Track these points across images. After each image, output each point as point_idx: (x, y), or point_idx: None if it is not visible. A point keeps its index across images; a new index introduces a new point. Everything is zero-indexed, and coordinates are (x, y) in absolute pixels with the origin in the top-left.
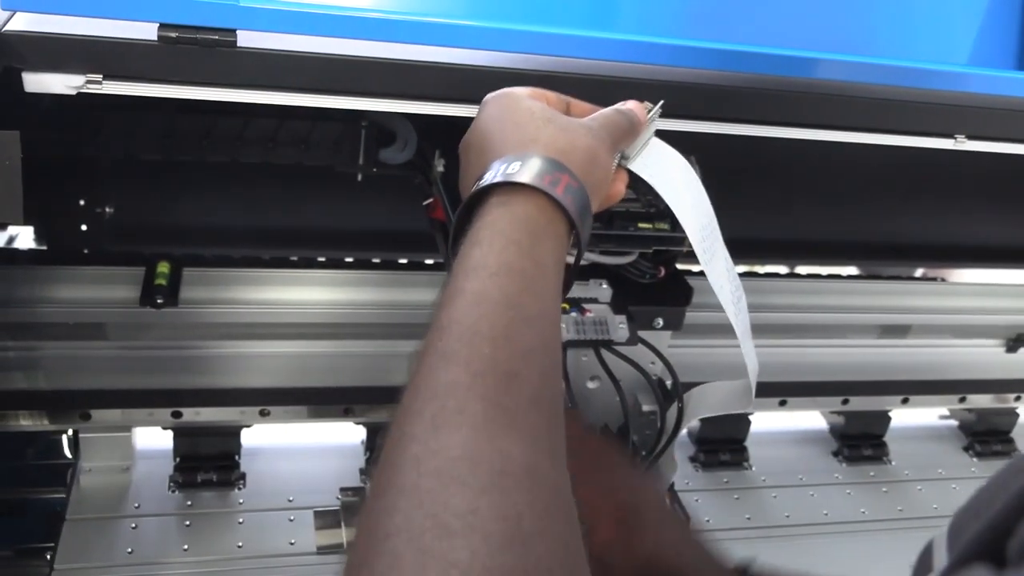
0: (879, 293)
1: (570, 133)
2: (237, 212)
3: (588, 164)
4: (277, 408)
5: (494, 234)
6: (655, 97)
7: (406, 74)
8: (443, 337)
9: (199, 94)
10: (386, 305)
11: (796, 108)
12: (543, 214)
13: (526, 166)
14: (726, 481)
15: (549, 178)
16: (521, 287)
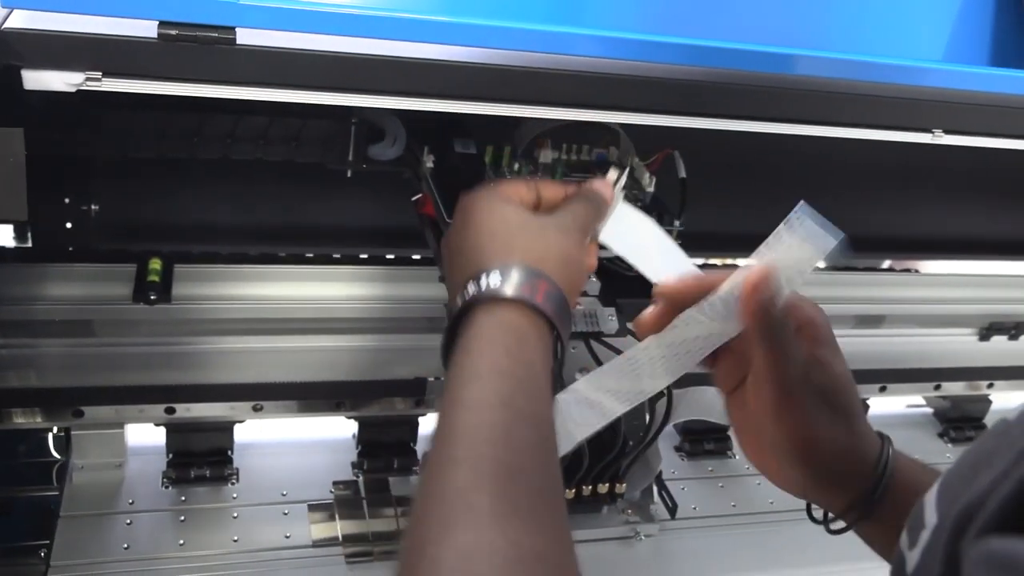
0: (854, 284)
1: (544, 239)
2: (224, 209)
3: (563, 266)
4: (269, 403)
5: (484, 342)
6: (634, 94)
7: (399, 71)
8: (447, 444)
9: (198, 91)
10: (375, 300)
11: (773, 103)
12: (526, 319)
13: (506, 278)
14: (711, 470)
15: (528, 288)
16: (514, 389)
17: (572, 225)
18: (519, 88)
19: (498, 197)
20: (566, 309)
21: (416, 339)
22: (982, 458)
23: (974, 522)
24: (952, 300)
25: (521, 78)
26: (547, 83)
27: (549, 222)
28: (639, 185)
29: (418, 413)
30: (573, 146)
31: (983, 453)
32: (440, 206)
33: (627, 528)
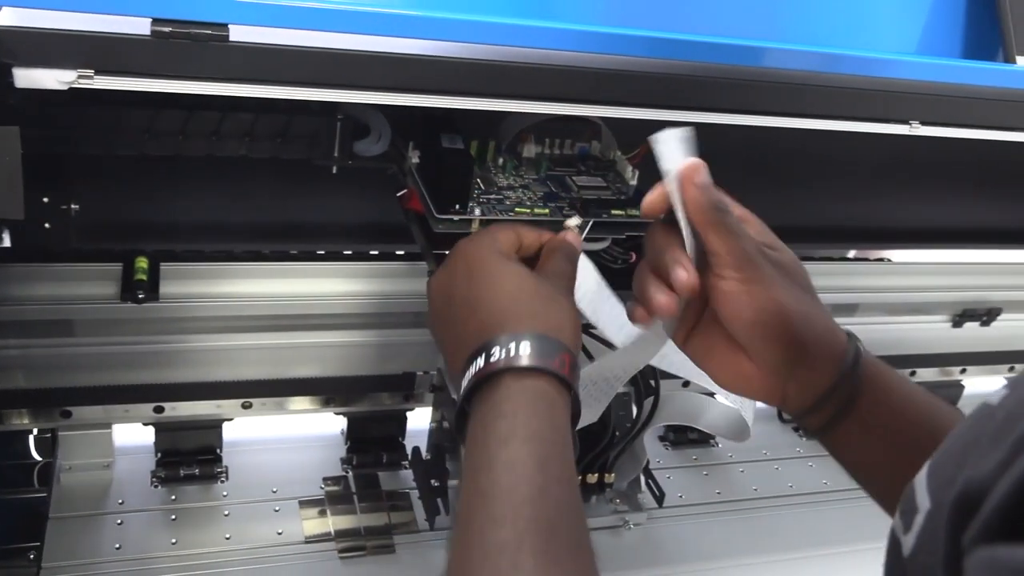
0: (827, 274)
1: (559, 308)
2: (207, 208)
3: (573, 333)
4: (258, 400)
5: (517, 406)
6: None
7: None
8: (486, 503)
9: (191, 88)
10: (362, 296)
11: (750, 96)
12: (553, 388)
13: (533, 347)
14: (695, 458)
15: (557, 360)
16: (548, 452)
17: (567, 287)
18: (503, 83)
19: (499, 250)
20: (578, 374)
21: (404, 334)
22: (970, 440)
23: (976, 517)
24: (924, 288)
25: (505, 73)
26: (531, 77)
27: (555, 287)
28: (622, 179)
29: (406, 408)
30: (556, 140)
31: (971, 435)
32: (427, 199)
33: (616, 517)
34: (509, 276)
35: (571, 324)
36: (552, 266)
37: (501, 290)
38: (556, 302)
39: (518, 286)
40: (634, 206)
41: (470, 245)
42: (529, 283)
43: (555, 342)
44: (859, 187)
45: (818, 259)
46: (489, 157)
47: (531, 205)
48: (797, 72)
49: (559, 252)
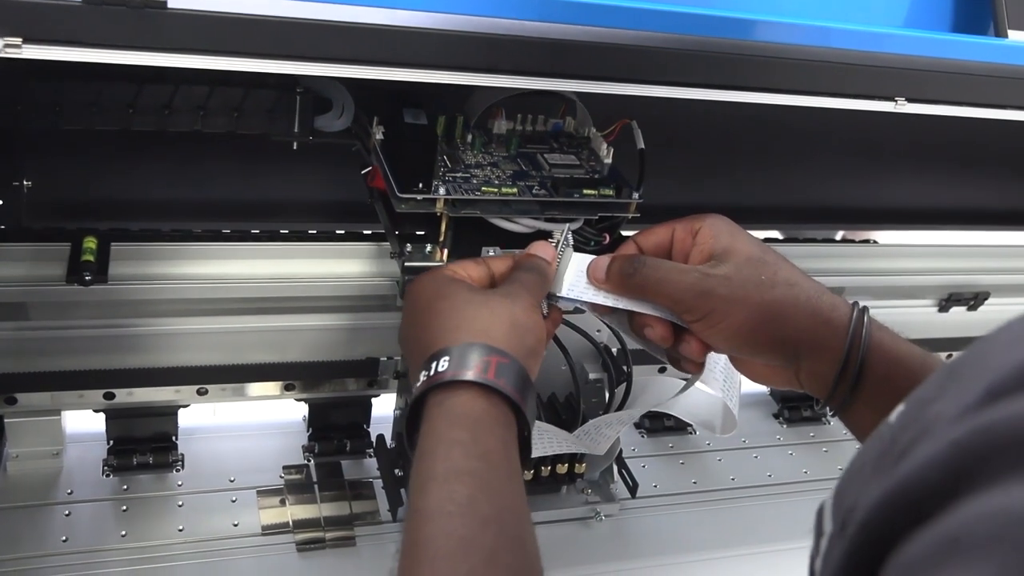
0: (812, 256)
1: (489, 309)
2: (165, 184)
3: (514, 333)
4: (215, 386)
5: (436, 441)
6: (590, 61)
7: (344, 37)
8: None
9: (127, 59)
10: (325, 277)
11: (731, 71)
12: (480, 403)
13: (452, 360)
14: (671, 446)
15: (479, 365)
16: (473, 489)
17: (518, 290)
18: (471, 55)
19: (443, 277)
20: (525, 380)
21: (368, 318)
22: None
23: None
24: (911, 271)
25: (473, 44)
26: (500, 50)
27: (495, 293)
28: (596, 157)
29: (371, 394)
30: (528, 116)
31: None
32: (390, 179)
33: (587, 508)
34: (443, 297)
35: (504, 322)
36: (508, 279)
37: (432, 309)
38: (485, 305)
39: (449, 303)
40: (607, 186)
41: (415, 283)
42: (462, 297)
43: (480, 347)
44: (843, 166)
45: (802, 241)
46: (457, 134)
47: (499, 184)
48: (778, 45)
49: (520, 263)
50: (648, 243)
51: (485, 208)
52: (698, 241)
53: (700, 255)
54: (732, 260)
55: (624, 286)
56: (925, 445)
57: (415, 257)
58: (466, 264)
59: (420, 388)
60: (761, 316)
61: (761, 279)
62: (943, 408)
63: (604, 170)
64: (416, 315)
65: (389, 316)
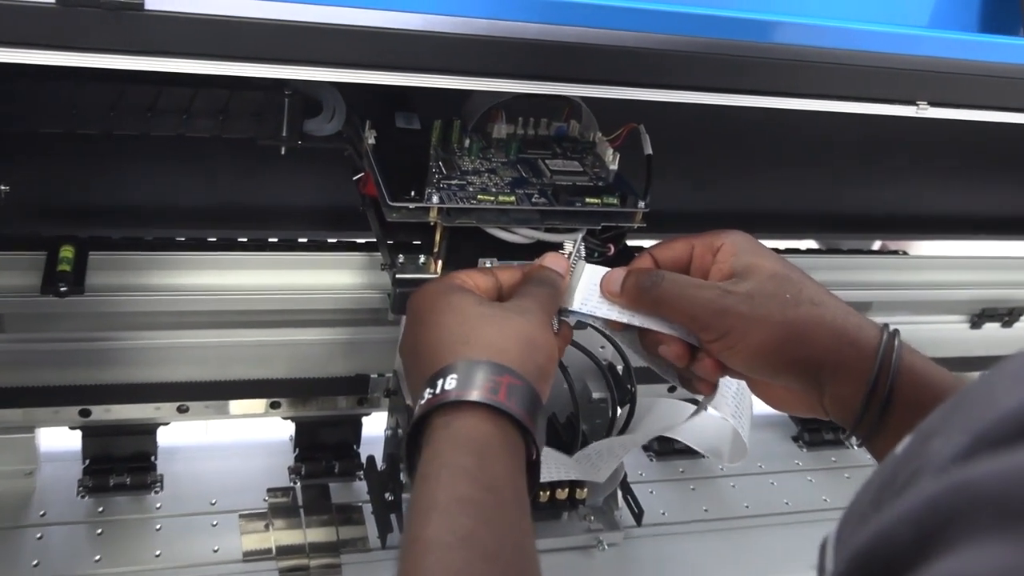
0: (838, 268)
1: (501, 325)
2: (149, 189)
3: (527, 352)
4: (196, 403)
5: (440, 465)
6: (596, 64)
7: (333, 40)
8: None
9: (103, 63)
10: (313, 289)
11: (745, 74)
12: (488, 426)
13: (461, 378)
14: (681, 471)
15: (488, 385)
16: (476, 521)
17: (531, 306)
18: (468, 59)
19: (450, 286)
20: (536, 402)
21: (359, 332)
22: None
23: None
24: (942, 284)
25: (470, 48)
26: (499, 53)
27: (507, 307)
28: (601, 163)
29: (361, 413)
30: (530, 120)
31: (871, 490)
32: (381, 186)
33: (589, 536)
34: (450, 309)
35: (519, 341)
36: (519, 293)
37: (439, 322)
38: (499, 321)
39: (458, 316)
40: (611, 194)
41: (418, 293)
42: (471, 309)
43: (492, 366)
44: (866, 172)
45: (825, 252)
46: (454, 138)
47: (496, 192)
48: (791, 47)
49: (532, 276)
50: (665, 257)
51: (481, 217)
52: (719, 258)
53: (720, 273)
54: (754, 277)
55: (640, 301)
56: (908, 494)
57: (407, 269)
58: (473, 273)
59: (424, 407)
60: (783, 335)
61: (785, 297)
62: (939, 447)
63: (609, 177)
64: (420, 326)
65: (381, 331)
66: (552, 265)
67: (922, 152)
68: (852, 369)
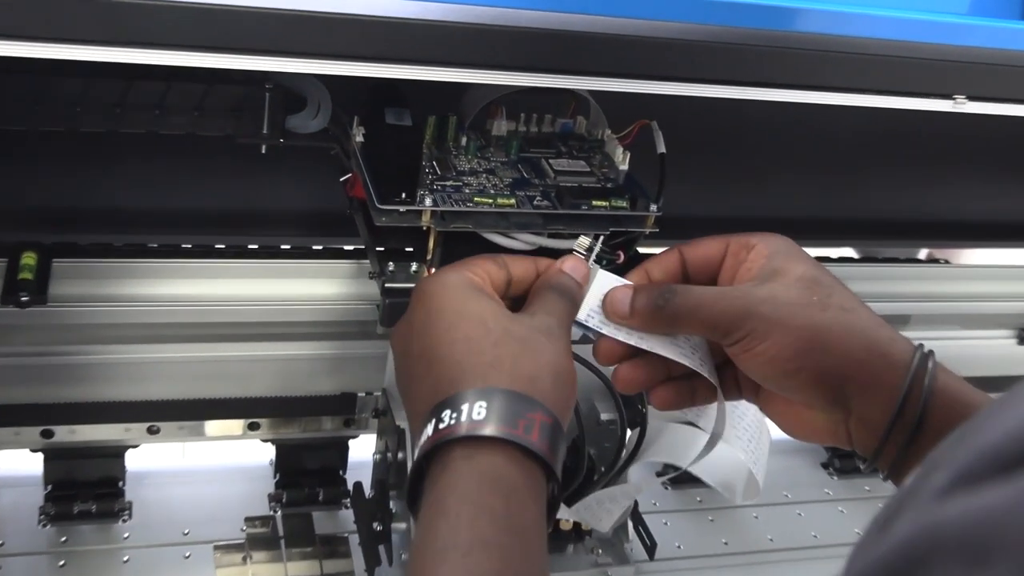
0: (874, 278)
1: (533, 349)
2: (119, 192)
3: (557, 384)
4: (168, 424)
5: (461, 501)
6: (605, 55)
7: (317, 29)
8: None
9: (67, 54)
10: (296, 299)
11: (768, 66)
12: (516, 466)
13: (492, 408)
14: (699, 500)
15: (523, 422)
16: (500, 565)
17: (555, 325)
18: (466, 48)
19: (468, 286)
20: (561, 440)
21: (345, 346)
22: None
23: None
24: (987, 296)
25: (468, 36)
26: (501, 42)
27: (533, 325)
28: (610, 163)
29: (348, 435)
30: (533, 115)
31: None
32: (370, 188)
33: (596, 571)
34: (472, 317)
35: (551, 372)
36: (539, 300)
37: (459, 335)
38: (530, 345)
39: (482, 328)
40: (620, 196)
41: (431, 283)
42: (497, 323)
43: (523, 400)
44: (905, 174)
45: (860, 261)
46: (449, 136)
47: (495, 194)
48: (820, 36)
49: (551, 283)
50: (696, 256)
51: (479, 221)
52: (750, 258)
53: (747, 274)
54: (781, 280)
55: (654, 320)
56: (887, 534)
57: (398, 277)
58: (487, 265)
59: (442, 434)
60: (807, 340)
61: (812, 299)
62: (933, 482)
63: (619, 178)
64: (433, 332)
65: (369, 345)
66: (572, 272)
67: (964, 152)
68: (882, 385)
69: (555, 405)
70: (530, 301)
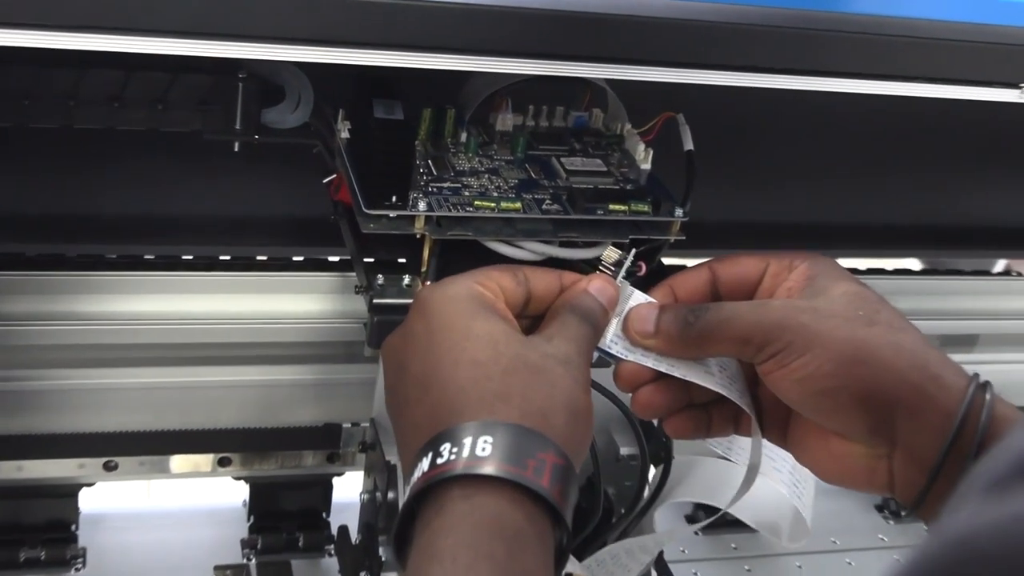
0: (938, 293)
1: (547, 381)
2: (72, 196)
3: (572, 422)
4: (128, 459)
5: (458, 545)
6: (626, 39)
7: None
8: None
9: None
10: (272, 317)
11: (812, 51)
12: (522, 511)
13: (498, 445)
14: (734, 547)
15: (532, 463)
16: None
17: (576, 356)
18: (466, 32)
19: (475, 299)
20: (574, 485)
21: (328, 371)
22: None
23: None
24: None
25: (469, 18)
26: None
27: (550, 354)
28: (631, 161)
29: (331, 472)
30: (543, 108)
31: None
32: (356, 190)
33: None
34: (480, 338)
35: (566, 406)
36: (557, 327)
37: (465, 357)
38: (544, 373)
39: (491, 352)
40: (642, 199)
41: (435, 293)
42: (508, 347)
43: (532, 436)
44: (969, 175)
45: (919, 273)
46: (447, 131)
47: (498, 197)
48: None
49: (570, 307)
50: (729, 274)
51: (480, 228)
52: (791, 278)
53: (787, 294)
54: (823, 295)
55: (681, 342)
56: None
57: (388, 292)
58: (502, 277)
59: (440, 470)
60: (851, 355)
61: (857, 313)
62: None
63: (640, 178)
64: (435, 352)
65: (356, 370)
66: (599, 294)
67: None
68: (934, 410)
69: (568, 445)
70: (547, 322)
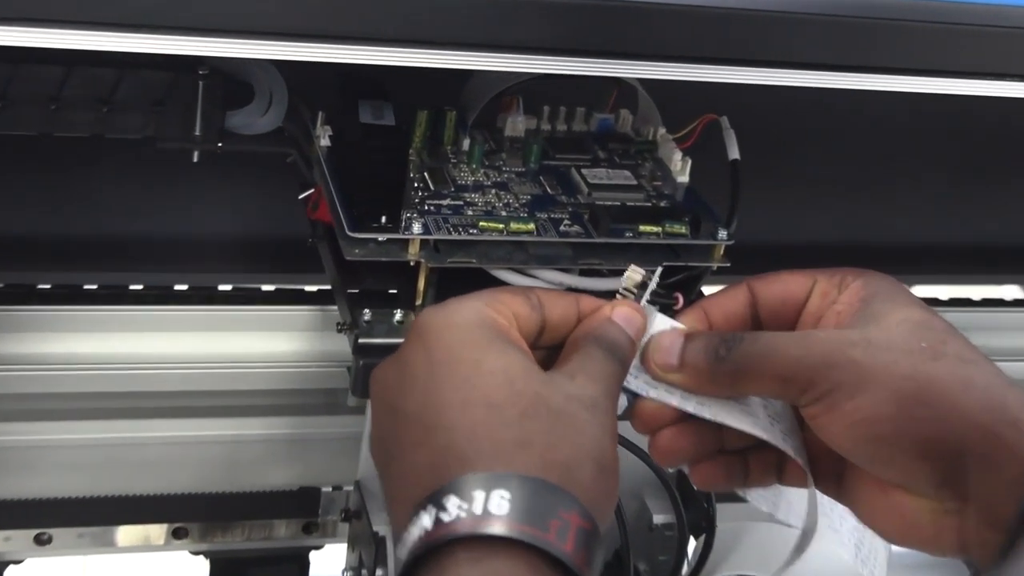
0: (1006, 328)
1: (573, 427)
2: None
3: (599, 476)
4: (64, 531)
5: None
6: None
7: None
8: None
9: None
10: (238, 360)
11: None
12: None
13: (516, 501)
14: None
15: (555, 524)
16: None
17: (603, 398)
18: (469, 23)
19: (489, 327)
20: (599, 550)
21: (305, 424)
22: None
23: None
24: None
25: (473, 6)
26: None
27: (573, 395)
28: (664, 171)
29: (308, 545)
30: (560, 110)
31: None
32: (338, 209)
33: None
34: (494, 373)
35: (593, 460)
36: (579, 362)
37: (477, 396)
38: (568, 421)
39: (507, 391)
40: (678, 219)
41: (438, 318)
42: (528, 385)
43: (556, 493)
44: None
45: (1003, 305)
46: (447, 138)
47: (507, 217)
48: (935, 4)
49: (592, 339)
50: (771, 293)
51: (485, 254)
52: (841, 300)
53: (837, 318)
54: (880, 323)
55: (711, 376)
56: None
57: (376, 330)
58: (515, 301)
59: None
60: (912, 396)
61: (920, 346)
62: None
63: (677, 193)
64: (436, 389)
65: (338, 423)
66: (626, 324)
67: None
68: (1014, 460)
69: (594, 505)
70: (567, 356)
